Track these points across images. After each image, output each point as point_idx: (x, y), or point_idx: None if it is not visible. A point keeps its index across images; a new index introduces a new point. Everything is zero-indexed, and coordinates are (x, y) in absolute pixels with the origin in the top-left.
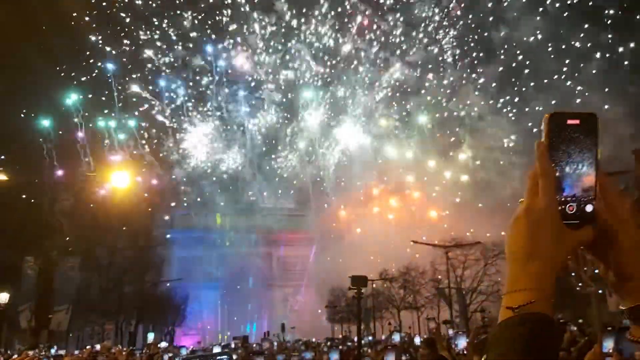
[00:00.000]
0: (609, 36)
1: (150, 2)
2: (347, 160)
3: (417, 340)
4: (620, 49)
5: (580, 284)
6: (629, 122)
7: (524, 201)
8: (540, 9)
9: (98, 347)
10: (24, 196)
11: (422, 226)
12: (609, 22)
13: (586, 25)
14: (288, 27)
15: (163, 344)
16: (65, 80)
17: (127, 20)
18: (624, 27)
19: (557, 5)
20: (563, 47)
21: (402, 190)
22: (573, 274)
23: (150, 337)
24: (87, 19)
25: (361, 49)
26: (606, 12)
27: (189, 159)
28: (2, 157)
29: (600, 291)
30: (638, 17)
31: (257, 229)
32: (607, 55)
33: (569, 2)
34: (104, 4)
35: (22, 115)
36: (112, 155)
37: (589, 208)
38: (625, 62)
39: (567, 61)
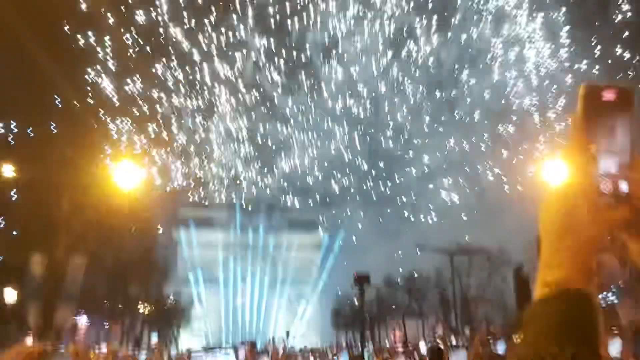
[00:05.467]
0: None
1: None
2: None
3: (422, 346)
4: None
5: None
6: None
7: (560, 176)
8: None
9: (104, 348)
10: (30, 195)
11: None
12: None
13: None
14: None
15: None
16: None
17: None
18: None
19: None
20: None
21: None
22: None
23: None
24: None
25: None
26: None
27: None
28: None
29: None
30: None
31: (265, 232)
32: None
33: None
34: None
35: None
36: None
37: (624, 185)
38: None
39: None
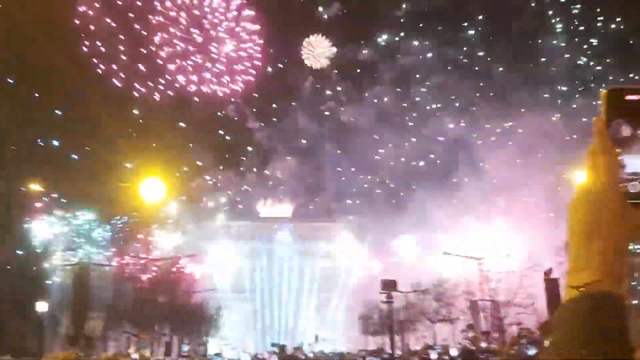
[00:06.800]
0: None
1: None
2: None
3: (453, 352)
4: None
5: None
6: None
7: (585, 180)
8: None
9: (135, 356)
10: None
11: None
12: None
13: None
14: None
15: None
16: None
17: None
18: None
19: None
20: None
21: None
22: None
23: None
24: None
25: None
26: None
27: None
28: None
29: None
30: None
31: (293, 239)
32: None
33: None
34: None
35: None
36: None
37: None
38: None
39: None
